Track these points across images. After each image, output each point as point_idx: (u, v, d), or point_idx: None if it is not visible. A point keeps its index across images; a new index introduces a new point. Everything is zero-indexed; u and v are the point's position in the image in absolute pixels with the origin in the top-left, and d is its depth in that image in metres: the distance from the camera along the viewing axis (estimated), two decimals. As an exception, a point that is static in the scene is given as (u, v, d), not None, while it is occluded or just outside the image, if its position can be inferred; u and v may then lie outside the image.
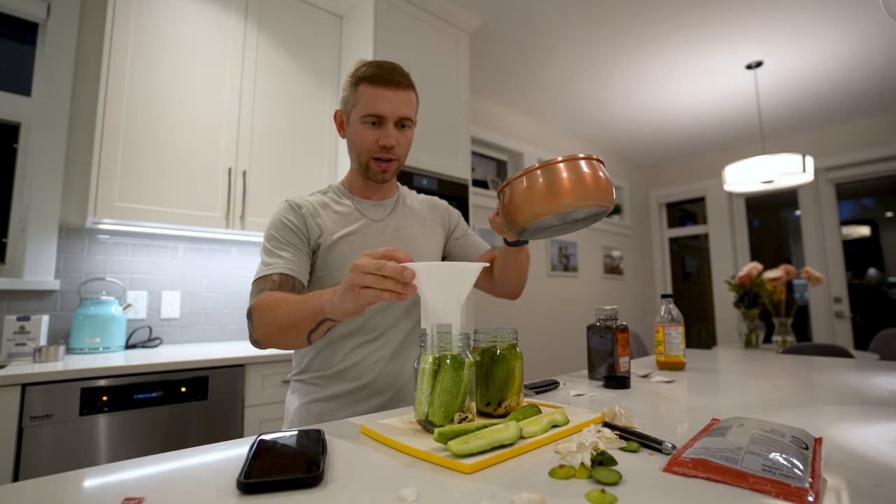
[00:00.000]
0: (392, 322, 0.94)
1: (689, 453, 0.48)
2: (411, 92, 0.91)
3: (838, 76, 3.06)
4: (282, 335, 0.74)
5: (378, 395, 0.91)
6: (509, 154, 3.69)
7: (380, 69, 0.88)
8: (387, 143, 0.88)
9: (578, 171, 0.67)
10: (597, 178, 0.68)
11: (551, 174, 0.67)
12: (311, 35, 2.18)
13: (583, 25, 2.50)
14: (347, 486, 0.44)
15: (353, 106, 0.90)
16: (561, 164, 0.67)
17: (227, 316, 2.09)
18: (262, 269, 0.84)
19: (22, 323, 1.51)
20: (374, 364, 0.91)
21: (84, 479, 0.45)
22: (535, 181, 0.68)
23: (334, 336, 0.91)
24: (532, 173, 0.69)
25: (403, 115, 0.89)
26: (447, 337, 0.60)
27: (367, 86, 0.87)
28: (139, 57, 1.69)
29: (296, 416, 0.92)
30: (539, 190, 0.67)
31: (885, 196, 3.85)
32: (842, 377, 1.02)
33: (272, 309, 0.74)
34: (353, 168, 0.97)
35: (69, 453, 1.25)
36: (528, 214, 0.69)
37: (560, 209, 0.67)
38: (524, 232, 0.76)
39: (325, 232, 0.91)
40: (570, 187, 0.66)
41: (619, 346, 0.99)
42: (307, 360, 0.94)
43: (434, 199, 1.12)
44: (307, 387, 0.93)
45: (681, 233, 4.99)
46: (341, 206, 0.96)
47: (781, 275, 2.47)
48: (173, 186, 1.72)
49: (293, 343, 0.76)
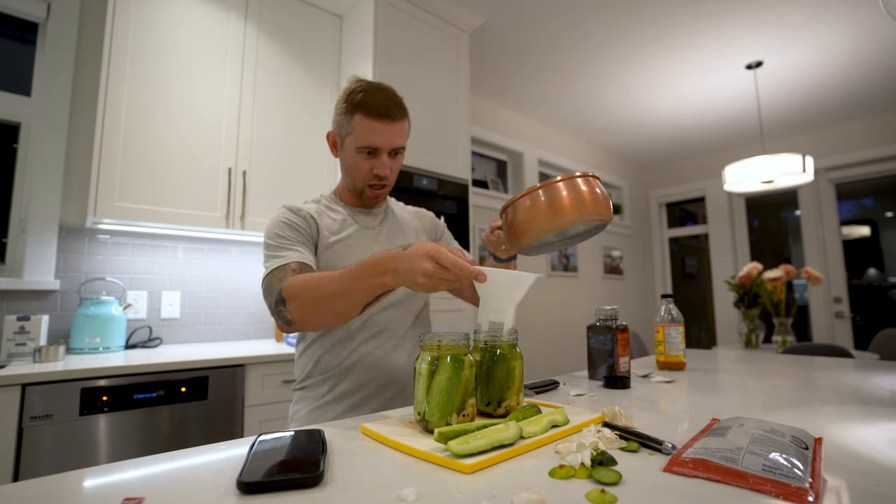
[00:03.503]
0: (394, 319, 0.96)
1: (689, 453, 0.48)
2: (405, 121, 0.94)
3: (838, 76, 3.06)
4: (328, 310, 0.75)
5: (385, 390, 0.93)
6: (509, 154, 3.69)
7: (375, 100, 0.89)
8: (381, 172, 0.93)
9: (576, 188, 0.72)
10: (594, 194, 0.72)
11: (551, 193, 0.72)
12: (311, 35, 2.18)
13: (583, 25, 2.50)
14: (347, 486, 0.44)
15: (348, 134, 0.92)
16: (560, 183, 0.72)
17: (227, 316, 2.09)
18: (274, 262, 0.84)
19: (22, 323, 1.51)
20: (378, 360, 0.93)
21: (84, 479, 0.45)
22: (537, 200, 0.73)
23: (339, 335, 0.93)
24: (534, 193, 0.73)
25: (397, 146, 0.93)
26: (499, 329, 0.69)
27: (362, 117, 0.89)
28: (139, 57, 1.69)
29: (303, 422, 0.93)
30: (541, 208, 0.72)
31: (885, 196, 3.85)
32: (842, 377, 1.02)
33: (314, 286, 0.75)
34: (346, 186, 1.01)
35: (69, 453, 1.25)
36: (532, 232, 0.73)
37: (562, 225, 0.72)
38: (528, 248, 0.79)
39: (322, 235, 0.94)
40: (569, 204, 0.71)
41: (619, 346, 0.99)
42: (312, 362, 0.95)
43: (421, 210, 1.16)
44: (314, 391, 0.94)
45: (681, 233, 4.99)
46: (335, 213, 0.99)
47: (781, 275, 2.47)
48: (173, 186, 1.72)
49: (339, 317, 0.76)
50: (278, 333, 2.05)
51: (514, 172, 3.71)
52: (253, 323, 2.16)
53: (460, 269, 0.63)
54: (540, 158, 3.82)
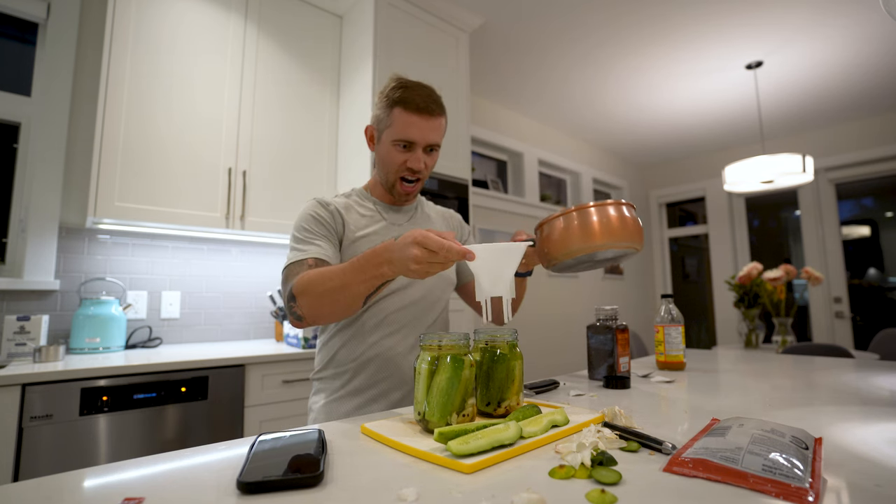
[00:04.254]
0: (413, 317, 0.98)
1: (689, 453, 0.48)
2: (442, 118, 0.96)
3: (838, 76, 3.06)
4: (333, 303, 0.77)
5: (397, 390, 0.94)
6: (509, 154, 3.69)
7: (415, 95, 0.92)
8: (415, 166, 0.94)
9: (608, 215, 0.75)
10: (624, 222, 0.75)
11: (584, 217, 0.76)
12: (311, 35, 2.18)
13: (583, 25, 2.50)
14: (347, 486, 0.44)
15: (387, 127, 0.94)
16: (593, 209, 0.76)
17: (227, 316, 2.09)
18: (295, 255, 0.87)
19: (22, 323, 1.51)
20: (395, 357, 0.95)
21: (84, 479, 0.45)
22: (571, 223, 0.76)
23: (357, 330, 0.95)
24: (568, 215, 0.77)
25: (432, 142, 0.94)
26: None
27: (401, 111, 0.92)
28: (139, 57, 1.69)
29: (320, 414, 0.96)
30: (574, 231, 0.75)
31: (885, 196, 3.85)
32: (842, 377, 1.02)
33: (319, 281, 0.77)
34: (379, 180, 1.03)
35: (69, 453, 1.25)
36: (563, 251, 0.77)
37: (591, 249, 0.75)
38: (557, 266, 0.82)
39: (348, 230, 0.96)
40: (600, 230, 0.74)
41: (619, 346, 0.99)
42: (330, 355, 0.97)
43: (449, 211, 1.19)
44: (331, 383, 0.96)
45: (681, 233, 4.99)
46: (364, 208, 1.01)
47: (781, 275, 2.47)
48: (173, 186, 1.72)
49: (345, 310, 0.78)
50: (278, 333, 2.05)
51: (514, 172, 3.71)
52: (253, 323, 2.16)
53: (447, 251, 0.64)
54: (540, 158, 3.82)
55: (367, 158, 1.97)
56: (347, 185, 2.09)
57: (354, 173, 2.05)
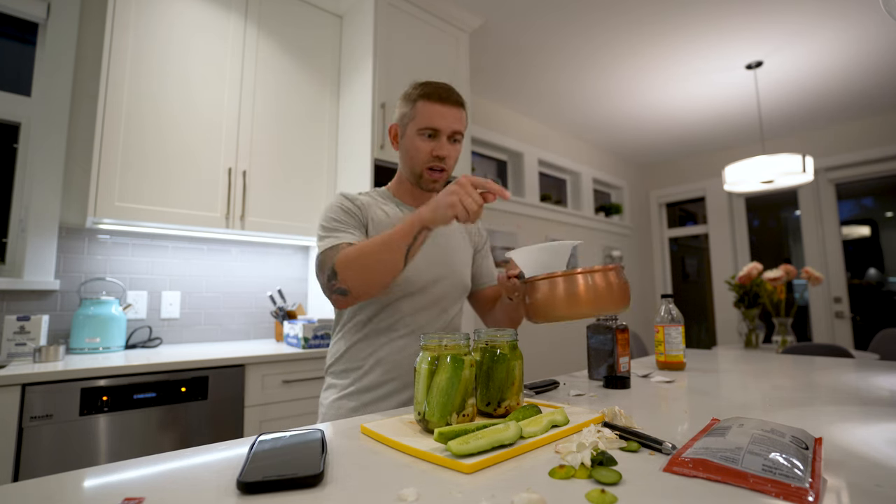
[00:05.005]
0: (426, 321, 0.99)
1: (689, 453, 0.48)
2: (463, 110, 0.99)
3: (838, 76, 3.06)
4: (378, 263, 0.80)
5: (405, 391, 0.95)
6: (509, 154, 3.69)
7: (438, 88, 0.96)
8: (440, 153, 0.96)
9: (594, 283, 0.75)
10: (610, 289, 0.75)
11: (571, 284, 0.75)
12: (311, 35, 2.18)
13: (583, 25, 2.50)
14: (347, 486, 0.44)
15: (411, 120, 0.97)
16: (579, 277, 0.75)
17: (227, 316, 2.09)
18: (328, 242, 0.90)
19: (22, 323, 1.51)
20: (405, 359, 0.95)
21: (84, 479, 0.45)
22: (556, 288, 0.76)
23: (371, 329, 0.96)
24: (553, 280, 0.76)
25: (456, 130, 0.97)
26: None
27: (425, 102, 0.95)
28: (139, 57, 1.69)
29: (330, 409, 0.97)
30: (559, 297, 0.76)
31: (885, 196, 3.85)
32: (842, 377, 1.02)
33: (360, 249, 0.81)
34: (404, 177, 1.05)
35: (69, 453, 1.25)
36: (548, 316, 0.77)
37: (577, 316, 0.75)
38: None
39: (371, 225, 0.98)
40: (586, 299, 0.74)
41: (619, 346, 0.99)
42: (342, 350, 0.98)
43: None
44: (342, 380, 0.97)
45: (681, 233, 4.99)
46: (386, 207, 1.03)
47: (781, 275, 2.47)
48: (173, 186, 1.72)
49: (390, 269, 0.81)
50: (278, 333, 2.05)
51: (514, 172, 3.71)
52: (253, 323, 2.16)
53: (484, 185, 0.73)
54: (540, 158, 3.82)
55: (367, 158, 1.97)
56: (347, 185, 2.09)
57: (354, 173, 2.05)
